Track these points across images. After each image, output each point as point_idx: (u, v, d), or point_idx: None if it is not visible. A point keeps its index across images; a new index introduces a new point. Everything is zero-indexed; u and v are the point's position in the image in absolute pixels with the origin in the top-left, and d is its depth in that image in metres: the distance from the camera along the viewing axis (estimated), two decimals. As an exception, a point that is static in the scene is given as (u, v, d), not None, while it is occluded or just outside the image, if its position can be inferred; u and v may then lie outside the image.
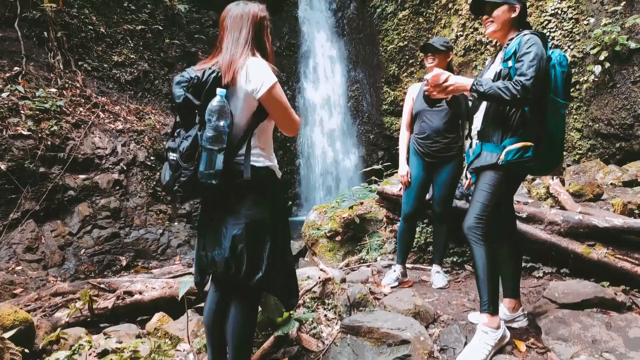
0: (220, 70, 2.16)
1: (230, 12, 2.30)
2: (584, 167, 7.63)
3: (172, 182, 2.16)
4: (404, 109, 4.28)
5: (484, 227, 2.78)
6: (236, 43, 2.21)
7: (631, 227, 3.12)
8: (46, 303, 4.41)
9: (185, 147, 2.09)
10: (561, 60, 2.71)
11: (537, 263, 3.88)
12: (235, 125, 2.17)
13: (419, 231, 4.67)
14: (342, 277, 3.66)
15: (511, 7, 2.87)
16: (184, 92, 2.13)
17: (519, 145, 2.72)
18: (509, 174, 2.80)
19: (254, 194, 2.20)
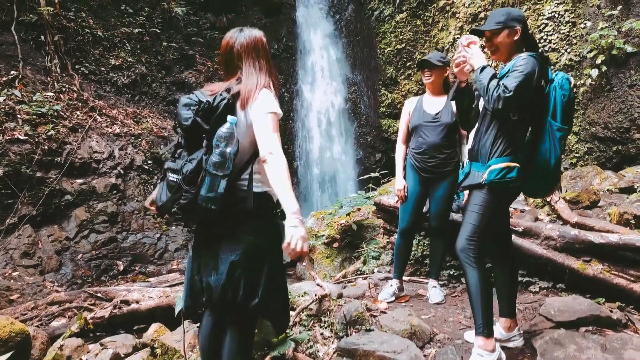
0: (231, 97, 2.18)
1: (239, 40, 2.32)
2: (580, 172, 7.64)
3: (171, 203, 2.14)
4: (400, 122, 4.29)
5: (476, 248, 2.78)
6: (258, 72, 2.26)
7: (626, 244, 3.13)
8: (43, 312, 4.41)
9: (189, 169, 2.08)
10: (563, 83, 2.69)
11: (533, 277, 3.88)
12: (240, 152, 2.18)
13: (416, 243, 4.67)
14: (338, 293, 3.65)
15: (512, 31, 2.86)
16: (192, 115, 2.14)
17: (502, 165, 2.71)
18: (497, 194, 2.79)
19: (253, 220, 2.21)
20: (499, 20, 2.88)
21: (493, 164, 2.75)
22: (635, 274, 3.18)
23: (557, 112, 2.67)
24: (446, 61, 4.02)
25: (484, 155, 2.81)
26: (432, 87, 4.06)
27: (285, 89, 17.41)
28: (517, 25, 2.84)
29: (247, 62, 2.27)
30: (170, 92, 13.13)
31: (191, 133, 2.17)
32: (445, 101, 3.96)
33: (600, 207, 5.34)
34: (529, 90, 2.64)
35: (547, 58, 2.86)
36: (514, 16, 2.88)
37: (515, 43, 2.86)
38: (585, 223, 4.27)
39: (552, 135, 2.67)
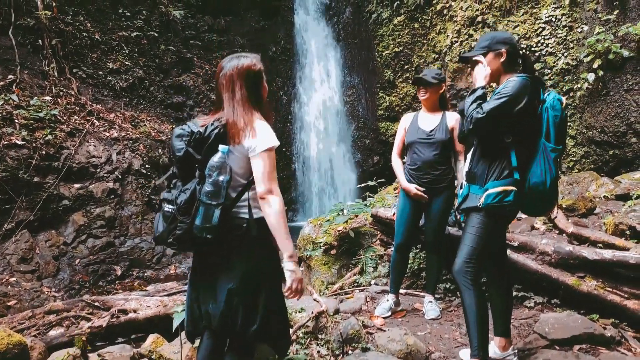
0: (222, 127, 2.18)
1: (224, 70, 2.30)
2: (577, 177, 7.67)
3: (167, 234, 2.16)
4: (396, 137, 4.30)
5: (473, 270, 2.81)
6: (236, 103, 2.23)
7: (620, 261, 3.14)
8: (40, 321, 4.41)
9: (182, 200, 2.10)
10: (554, 104, 2.70)
11: (528, 292, 3.89)
12: (234, 180, 2.19)
13: (412, 257, 4.69)
14: (335, 308, 3.66)
15: (497, 54, 2.88)
16: (185, 145, 2.16)
17: (499, 189, 2.74)
18: (494, 217, 2.82)
19: (249, 247, 2.21)
20: (484, 45, 2.94)
21: (490, 187, 2.77)
22: (629, 290, 3.19)
23: (550, 133, 2.67)
24: (441, 78, 4.03)
25: (481, 178, 2.84)
26: (428, 104, 4.07)
27: (283, 92, 17.43)
28: (502, 47, 2.86)
29: (228, 93, 2.26)
30: (168, 96, 13.14)
31: (184, 163, 2.19)
32: (441, 118, 3.98)
33: (596, 214, 5.36)
34: (507, 113, 2.67)
35: (539, 79, 2.87)
36: (498, 39, 2.91)
37: (503, 65, 2.88)
38: (581, 234, 4.28)
39: (547, 156, 2.68)
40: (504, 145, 2.76)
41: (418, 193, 3.95)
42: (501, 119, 2.69)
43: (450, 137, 3.86)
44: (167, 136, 11.73)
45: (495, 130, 2.79)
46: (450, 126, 3.89)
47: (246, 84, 2.27)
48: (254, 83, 2.31)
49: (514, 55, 2.87)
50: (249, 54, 2.41)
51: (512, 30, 11.11)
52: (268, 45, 17.23)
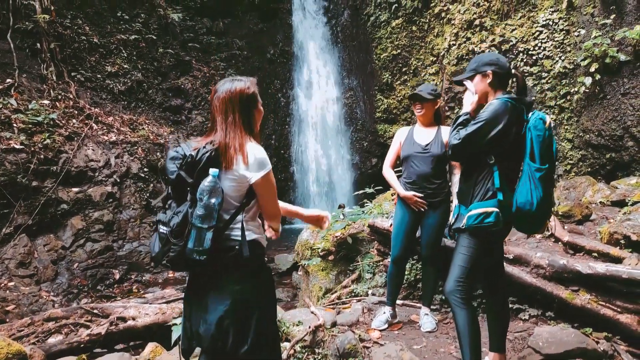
0: (214, 150, 2.20)
1: (218, 93, 2.31)
2: (574, 182, 7.69)
3: (161, 255, 2.17)
4: (390, 149, 4.33)
5: (464, 289, 2.84)
6: (229, 126, 2.24)
7: (613, 275, 3.17)
8: (39, 328, 4.42)
9: (175, 223, 2.12)
10: (536, 124, 2.73)
11: (523, 305, 3.92)
12: (226, 202, 2.21)
13: (409, 268, 4.71)
14: (332, 321, 3.69)
15: (484, 75, 2.94)
16: (177, 169, 2.18)
17: (480, 211, 2.78)
18: (479, 237, 2.85)
19: (241, 269, 2.23)
20: (471, 68, 3.01)
21: (473, 208, 2.82)
22: (621, 304, 3.22)
23: (534, 153, 2.70)
24: (437, 94, 4.06)
25: (467, 199, 2.88)
26: (424, 119, 4.11)
27: (281, 94, 17.45)
28: (487, 69, 2.91)
29: (221, 117, 2.27)
30: (166, 99, 13.15)
31: (177, 186, 2.20)
32: (436, 132, 4.01)
33: (592, 220, 5.38)
34: (483, 137, 2.72)
35: (523, 100, 2.88)
36: (484, 61, 2.97)
37: (491, 85, 2.93)
38: (577, 243, 4.31)
39: (532, 176, 2.70)
40: (487, 166, 2.80)
41: (418, 200, 3.97)
42: (479, 142, 2.73)
43: (445, 151, 3.89)
44: (165, 139, 11.76)
45: (477, 152, 2.84)
46: (445, 140, 3.90)
47: (239, 108, 2.28)
48: (247, 107, 2.32)
49: (502, 75, 2.92)
50: (244, 77, 2.42)
51: (510, 34, 11.15)
52: (266, 48, 17.26)
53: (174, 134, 12.35)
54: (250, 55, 16.68)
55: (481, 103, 3.02)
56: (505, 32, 11.28)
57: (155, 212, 10.20)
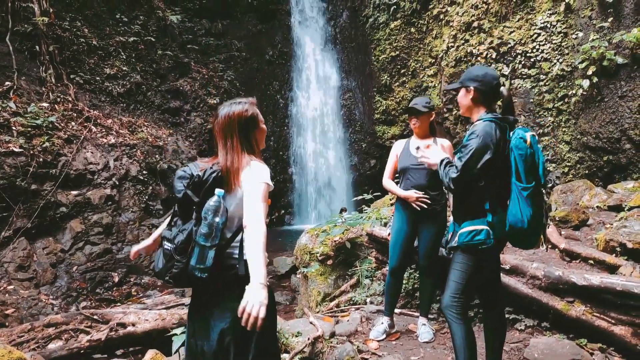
0: (220, 171, 2.26)
1: (218, 117, 2.38)
2: (571, 186, 7.73)
3: (164, 271, 2.23)
4: (387, 163, 4.37)
5: (459, 305, 2.88)
6: (230, 150, 2.31)
7: (607, 288, 3.20)
8: (39, 334, 4.44)
9: (180, 240, 2.17)
10: (517, 143, 2.74)
11: (519, 315, 3.96)
12: (229, 221, 2.26)
13: (407, 277, 4.74)
14: (331, 332, 3.71)
15: (467, 90, 2.97)
16: (184, 187, 2.24)
17: (470, 229, 2.83)
18: (471, 253, 2.89)
19: (242, 287, 2.27)
20: (460, 80, 3.05)
21: (464, 226, 2.88)
22: (616, 316, 3.25)
23: (519, 173, 2.72)
24: (431, 106, 4.11)
25: (460, 218, 2.93)
26: (420, 131, 4.17)
27: (280, 95, 17.47)
28: (471, 85, 2.94)
29: (221, 141, 2.34)
30: (165, 101, 13.16)
31: (184, 204, 2.26)
32: (431, 144, 4.05)
33: (589, 225, 5.42)
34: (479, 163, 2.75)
35: (507, 119, 2.91)
36: (470, 76, 2.98)
37: (474, 101, 2.97)
38: (573, 250, 4.34)
39: (520, 195, 2.72)
40: (478, 187, 2.83)
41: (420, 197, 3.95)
42: (474, 169, 2.76)
43: None
44: (164, 141, 11.77)
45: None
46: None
47: (238, 131, 2.34)
48: (246, 129, 2.37)
49: (486, 92, 2.92)
50: (243, 99, 2.47)
51: (508, 36, 11.18)
52: (265, 49, 17.28)
53: (172, 136, 12.36)
54: (249, 57, 16.70)
55: (465, 115, 3.08)
56: (504, 35, 11.31)
57: (154, 215, 10.23)
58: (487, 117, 2.86)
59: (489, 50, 11.56)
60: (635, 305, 3.18)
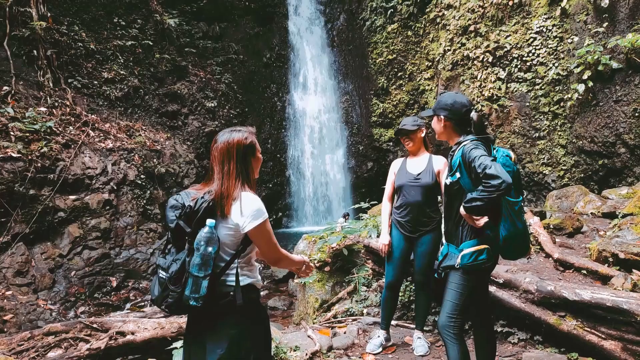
0: (211, 200, 2.29)
1: (217, 144, 2.42)
2: (566, 192, 7.79)
3: (160, 300, 2.29)
4: (386, 182, 4.46)
5: (456, 324, 2.93)
6: (226, 176, 2.34)
7: (597, 303, 3.25)
8: (39, 343, 4.47)
9: (173, 270, 2.22)
10: (504, 161, 2.84)
11: (512, 328, 4.01)
12: (222, 250, 2.31)
13: (403, 289, 4.79)
14: (328, 345, 3.75)
15: (438, 118, 3.08)
16: (176, 218, 2.28)
17: (473, 249, 2.87)
18: (472, 274, 2.94)
19: (237, 314, 2.31)
20: (433, 107, 3.16)
21: (465, 247, 2.91)
22: (606, 331, 3.30)
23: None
24: (419, 123, 4.19)
25: (456, 239, 2.97)
26: (413, 149, 4.26)
27: (277, 98, 17.51)
28: (441, 113, 3.05)
29: (218, 167, 2.37)
30: (163, 104, 13.18)
31: (176, 234, 2.30)
32: (427, 162, 4.13)
33: (583, 232, 5.48)
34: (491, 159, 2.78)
35: (488, 139, 2.98)
36: (440, 105, 3.09)
37: (446, 128, 3.07)
38: (566, 260, 4.40)
39: (511, 209, 2.82)
40: None
41: (385, 249, 4.26)
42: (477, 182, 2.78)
43: (436, 181, 4.03)
44: (162, 145, 11.79)
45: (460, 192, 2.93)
46: (437, 170, 4.05)
47: (236, 158, 2.37)
48: (243, 157, 2.41)
49: (456, 120, 3.02)
50: (243, 128, 2.50)
51: (504, 40, 11.25)
52: (263, 52, 17.31)
53: (170, 139, 12.39)
54: (247, 59, 16.73)
55: (441, 139, 3.18)
56: (500, 39, 11.38)
57: (152, 219, 10.25)
58: (470, 137, 2.93)
59: (485, 54, 11.63)
60: (624, 320, 3.24)
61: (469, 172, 2.79)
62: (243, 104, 16.19)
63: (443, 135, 3.13)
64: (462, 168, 2.85)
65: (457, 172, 2.90)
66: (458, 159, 2.87)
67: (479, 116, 2.99)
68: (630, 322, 3.18)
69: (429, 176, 4.02)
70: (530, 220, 5.39)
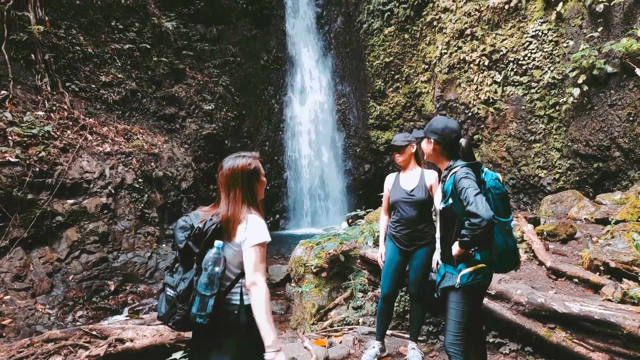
0: (219, 222, 2.38)
1: (223, 169, 2.52)
2: (560, 196, 7.86)
3: (168, 317, 2.39)
4: (383, 198, 4.57)
5: (462, 342, 3.03)
6: (232, 201, 2.45)
7: (586, 316, 3.33)
8: (39, 350, 4.51)
9: (181, 289, 2.32)
10: (494, 184, 2.95)
11: (504, 339, 4.07)
12: (228, 270, 2.42)
13: (398, 299, 4.86)
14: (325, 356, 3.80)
15: (428, 141, 3.18)
16: (185, 238, 2.38)
17: (471, 269, 2.97)
18: (472, 293, 3.04)
19: (241, 331, 2.40)
20: (424, 130, 3.27)
21: (462, 268, 3.00)
22: (594, 343, 3.37)
23: (499, 210, 2.90)
24: (410, 139, 4.27)
25: (453, 259, 3.04)
26: (405, 164, 4.36)
27: (275, 100, 17.55)
28: (432, 137, 3.15)
29: (224, 192, 2.48)
30: (160, 107, 13.20)
31: (185, 254, 2.40)
32: (420, 177, 4.21)
33: (576, 239, 5.54)
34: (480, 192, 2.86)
35: (477, 163, 3.06)
36: (431, 129, 3.18)
37: (435, 151, 3.17)
38: (559, 268, 4.47)
39: (502, 229, 2.91)
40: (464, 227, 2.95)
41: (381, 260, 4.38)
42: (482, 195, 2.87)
43: (429, 196, 4.11)
44: (159, 149, 11.82)
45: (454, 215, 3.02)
46: (429, 184, 4.13)
47: (241, 183, 2.48)
48: (248, 181, 2.51)
49: (445, 145, 3.12)
50: (247, 153, 2.61)
51: (500, 44, 11.32)
52: (260, 54, 17.35)
53: (168, 142, 12.42)
54: (244, 62, 16.77)
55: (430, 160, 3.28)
56: (496, 42, 11.45)
57: (150, 223, 10.28)
58: (460, 163, 3.02)
59: (481, 57, 11.70)
60: (611, 333, 3.32)
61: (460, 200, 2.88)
62: (240, 107, 16.24)
63: (431, 157, 3.23)
64: (454, 195, 2.94)
65: (450, 199, 2.99)
66: (450, 186, 2.95)
67: (468, 143, 3.10)
68: (617, 334, 3.27)
69: (422, 192, 4.09)
70: (524, 227, 5.45)
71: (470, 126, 12.32)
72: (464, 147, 3.08)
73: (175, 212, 11.47)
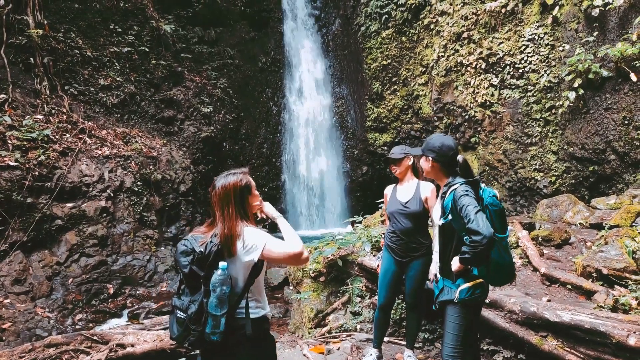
0: (219, 243, 2.45)
1: (215, 188, 2.59)
2: (556, 200, 7.93)
3: (182, 338, 2.48)
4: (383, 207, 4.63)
5: (459, 353, 3.09)
6: (227, 218, 2.51)
7: (577, 325, 3.39)
8: (40, 355, 4.56)
9: (192, 312, 2.40)
10: (492, 201, 3.01)
11: (498, 346, 4.13)
12: (234, 286, 2.48)
13: (395, 307, 4.92)
14: None
15: (426, 158, 3.24)
16: (189, 263, 2.44)
17: (470, 285, 3.03)
18: (470, 307, 3.11)
19: (250, 345, 2.47)
20: (422, 147, 3.32)
21: (461, 283, 3.07)
22: (584, 351, 3.43)
23: (497, 226, 2.95)
24: (407, 151, 4.33)
25: (452, 274, 3.11)
26: (402, 176, 4.41)
27: (272, 102, 17.60)
28: (430, 155, 3.20)
29: (219, 210, 2.55)
30: (159, 110, 13.24)
31: (190, 278, 2.46)
32: (415, 189, 4.26)
33: (571, 244, 5.61)
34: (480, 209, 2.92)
35: (475, 181, 3.11)
36: (429, 146, 3.23)
37: (433, 168, 3.23)
38: (552, 275, 4.54)
39: (499, 245, 2.97)
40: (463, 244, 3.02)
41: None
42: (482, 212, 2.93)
43: (424, 208, 4.16)
44: (158, 152, 11.87)
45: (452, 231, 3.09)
46: (424, 197, 4.18)
47: (234, 200, 2.55)
48: (240, 197, 2.58)
49: (443, 163, 3.17)
50: (237, 170, 2.67)
51: (497, 47, 11.40)
52: (258, 56, 17.40)
53: (166, 145, 12.46)
54: (242, 64, 16.82)
55: (429, 177, 3.35)
56: (493, 45, 11.53)
57: (148, 226, 10.33)
58: (459, 180, 3.08)
59: (478, 60, 11.78)
60: (601, 341, 3.38)
61: (460, 217, 2.94)
62: (239, 109, 16.29)
63: (431, 174, 3.29)
64: (454, 212, 2.99)
65: (449, 215, 3.05)
66: (450, 203, 3.01)
67: (465, 160, 3.15)
68: (607, 343, 3.34)
69: (417, 204, 4.15)
70: (519, 233, 5.52)
71: (467, 129, 12.39)
72: (462, 164, 3.14)
73: (173, 215, 11.53)
